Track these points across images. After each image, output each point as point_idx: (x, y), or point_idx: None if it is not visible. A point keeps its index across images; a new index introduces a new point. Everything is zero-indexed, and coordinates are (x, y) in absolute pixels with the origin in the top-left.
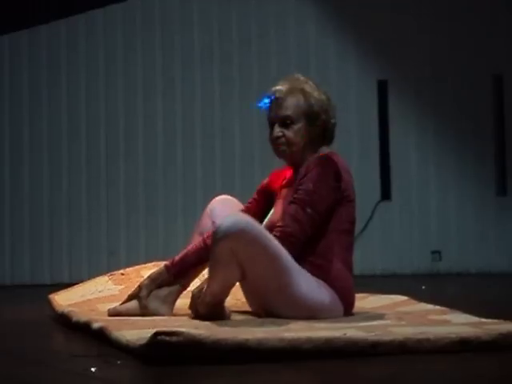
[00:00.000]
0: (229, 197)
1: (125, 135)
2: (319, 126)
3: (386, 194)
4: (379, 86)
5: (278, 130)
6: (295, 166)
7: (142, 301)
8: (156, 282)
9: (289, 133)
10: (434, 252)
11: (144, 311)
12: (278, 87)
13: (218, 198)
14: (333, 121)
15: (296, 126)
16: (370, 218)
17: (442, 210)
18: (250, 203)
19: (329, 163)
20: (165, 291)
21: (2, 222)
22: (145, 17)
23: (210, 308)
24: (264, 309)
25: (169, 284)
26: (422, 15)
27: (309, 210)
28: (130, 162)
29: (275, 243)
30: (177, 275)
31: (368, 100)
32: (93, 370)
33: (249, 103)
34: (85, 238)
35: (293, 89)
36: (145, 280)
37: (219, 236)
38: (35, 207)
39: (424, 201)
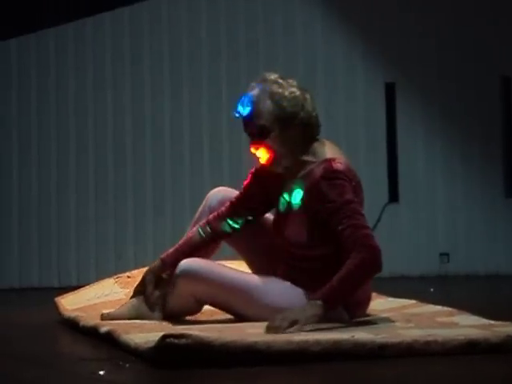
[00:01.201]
0: (227, 188)
1: (132, 137)
2: (298, 125)
3: (393, 196)
4: (387, 89)
5: (252, 148)
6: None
7: (150, 299)
8: (156, 275)
9: (266, 146)
10: (442, 254)
11: (152, 310)
12: (247, 94)
13: (215, 190)
14: (314, 113)
15: (272, 135)
16: (378, 220)
17: (450, 211)
18: (244, 189)
19: (336, 174)
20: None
21: (11, 225)
22: (152, 19)
23: None
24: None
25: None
26: (429, 17)
27: (355, 222)
28: (137, 165)
29: (230, 275)
30: (172, 266)
31: (375, 102)
32: (101, 373)
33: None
34: (92, 240)
35: (260, 95)
36: (146, 275)
37: (177, 276)
38: (43, 210)
39: (432, 203)
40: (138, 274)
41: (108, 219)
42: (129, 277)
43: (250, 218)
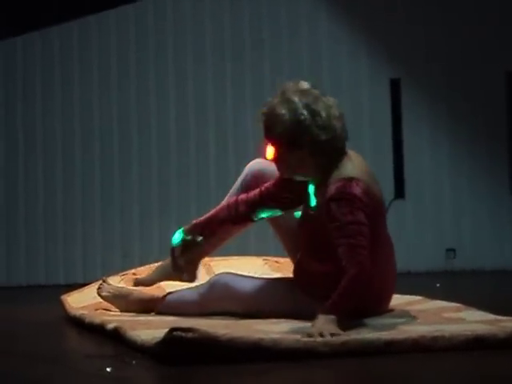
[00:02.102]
0: (265, 161)
1: (138, 137)
2: (305, 146)
3: (399, 193)
4: (392, 85)
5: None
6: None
7: (177, 261)
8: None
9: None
10: (448, 250)
11: (177, 272)
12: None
13: (253, 162)
14: (323, 137)
15: (281, 155)
16: None
17: (456, 207)
18: (276, 181)
19: (347, 196)
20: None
21: (17, 223)
22: (157, 17)
23: None
24: None
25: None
26: (433, 13)
27: (352, 241)
28: (143, 163)
29: (245, 289)
30: (202, 230)
31: (381, 98)
32: (108, 370)
33: (261, 101)
34: (99, 238)
35: (270, 114)
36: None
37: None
38: (50, 208)
39: (438, 199)
40: (143, 271)
41: (114, 217)
42: (134, 274)
43: (278, 210)
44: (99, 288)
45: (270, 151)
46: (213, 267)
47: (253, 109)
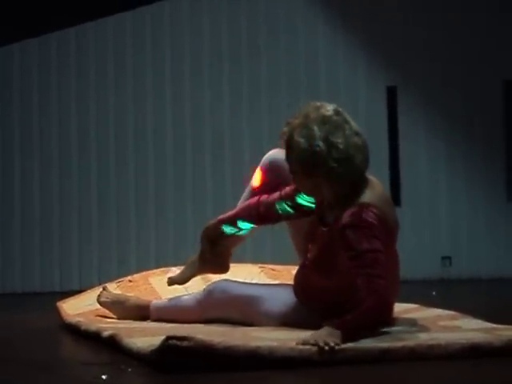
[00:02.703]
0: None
1: (134, 143)
2: (320, 176)
3: (396, 200)
4: (388, 92)
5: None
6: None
7: (205, 255)
8: (211, 234)
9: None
10: (444, 258)
11: (205, 263)
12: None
13: (275, 158)
14: (338, 169)
15: (299, 178)
16: None
17: (452, 215)
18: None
19: (362, 223)
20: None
21: (13, 230)
22: (154, 22)
23: None
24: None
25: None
26: (431, 21)
27: (370, 271)
28: (139, 169)
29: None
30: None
31: (377, 106)
32: (103, 377)
33: (258, 111)
34: (95, 245)
35: (288, 138)
36: (203, 233)
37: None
38: (45, 215)
39: (434, 207)
40: (139, 279)
41: (110, 224)
42: (130, 281)
43: (295, 215)
44: (99, 295)
45: (258, 177)
46: (209, 274)
47: (249, 114)
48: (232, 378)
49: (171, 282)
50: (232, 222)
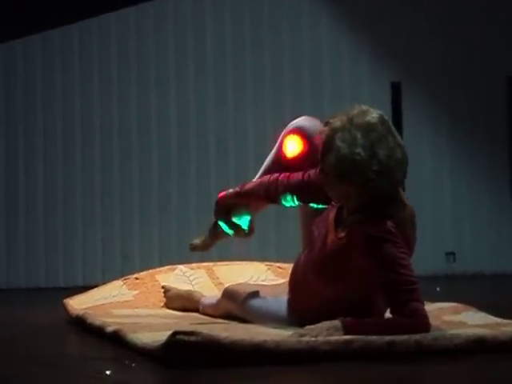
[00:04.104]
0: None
1: (138, 139)
2: (354, 184)
3: None
4: (392, 88)
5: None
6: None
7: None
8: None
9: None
10: (448, 254)
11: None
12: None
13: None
14: (375, 183)
15: (330, 181)
16: None
17: (456, 211)
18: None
19: (389, 239)
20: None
21: (17, 225)
22: (157, 19)
23: None
24: None
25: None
26: (435, 17)
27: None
28: (143, 165)
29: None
30: (240, 201)
31: (381, 102)
32: (107, 372)
33: (262, 106)
34: (99, 241)
35: (328, 140)
36: (216, 206)
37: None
38: (50, 211)
39: (438, 203)
40: (145, 276)
41: (114, 219)
42: (137, 278)
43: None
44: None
45: (298, 146)
46: (215, 272)
47: (253, 110)
48: (239, 374)
49: (193, 248)
50: (248, 196)
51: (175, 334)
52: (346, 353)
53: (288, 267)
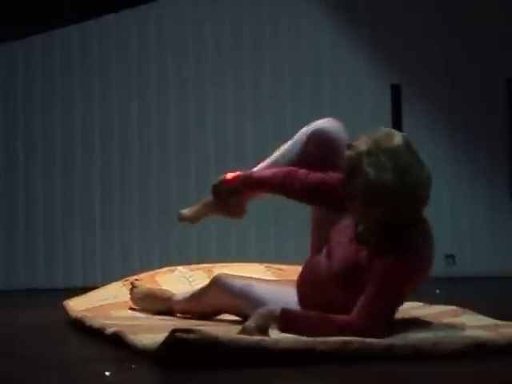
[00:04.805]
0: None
1: (138, 140)
2: (379, 208)
3: None
4: (392, 90)
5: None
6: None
7: (221, 202)
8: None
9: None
10: (447, 256)
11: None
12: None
13: (323, 125)
14: (402, 209)
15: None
16: None
17: (455, 213)
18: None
19: (397, 275)
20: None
21: (17, 226)
22: (158, 21)
23: None
24: None
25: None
26: (434, 19)
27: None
28: (143, 166)
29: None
30: (251, 186)
31: (381, 104)
32: (107, 374)
33: (262, 106)
34: (98, 242)
35: (354, 164)
36: (215, 181)
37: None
38: (49, 212)
39: (437, 204)
40: (145, 277)
41: (113, 221)
42: (137, 279)
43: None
44: (131, 294)
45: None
46: (214, 273)
47: (252, 113)
48: (238, 375)
49: (182, 218)
50: (260, 184)
51: (174, 331)
52: (343, 354)
53: (287, 268)
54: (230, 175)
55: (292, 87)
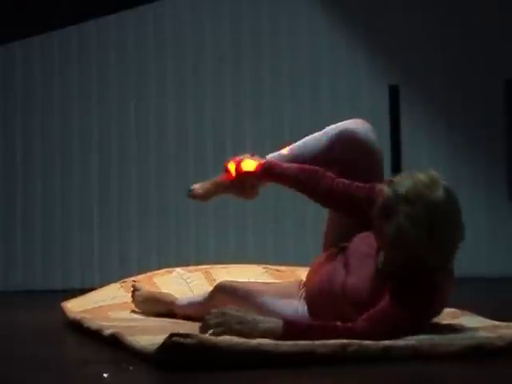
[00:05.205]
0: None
1: (136, 140)
2: (407, 253)
3: None
4: (390, 91)
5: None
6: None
7: (235, 183)
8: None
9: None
10: None
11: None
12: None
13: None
14: (430, 263)
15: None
16: None
17: None
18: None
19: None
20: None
21: (15, 227)
22: (156, 22)
23: None
24: None
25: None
26: (433, 20)
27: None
28: (141, 168)
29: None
30: (272, 178)
31: (379, 105)
32: (105, 375)
33: (261, 106)
34: (96, 243)
35: (389, 207)
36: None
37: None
38: (47, 213)
39: None
40: (143, 279)
41: (112, 222)
42: (134, 281)
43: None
44: (133, 296)
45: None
46: (212, 274)
47: (251, 113)
48: (236, 378)
49: (194, 195)
50: (282, 177)
51: (172, 336)
52: (342, 356)
53: (285, 270)
54: (249, 162)
55: (291, 86)
